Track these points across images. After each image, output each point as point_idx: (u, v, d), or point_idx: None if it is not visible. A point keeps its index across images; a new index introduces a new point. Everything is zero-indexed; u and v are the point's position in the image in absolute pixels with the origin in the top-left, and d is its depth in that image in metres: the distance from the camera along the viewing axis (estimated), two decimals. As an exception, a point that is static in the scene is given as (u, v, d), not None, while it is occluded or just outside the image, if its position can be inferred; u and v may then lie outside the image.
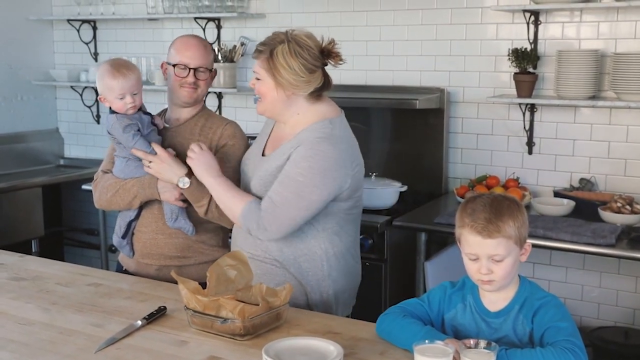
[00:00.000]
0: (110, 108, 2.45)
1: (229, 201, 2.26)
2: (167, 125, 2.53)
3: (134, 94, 2.42)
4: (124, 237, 2.54)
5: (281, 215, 2.16)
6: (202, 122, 2.53)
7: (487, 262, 1.68)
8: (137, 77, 2.45)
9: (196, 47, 2.50)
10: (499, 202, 1.71)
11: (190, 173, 2.37)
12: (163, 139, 2.50)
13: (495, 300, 1.76)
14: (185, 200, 2.43)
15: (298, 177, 2.14)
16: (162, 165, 2.39)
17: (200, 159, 2.30)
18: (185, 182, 2.37)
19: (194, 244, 2.51)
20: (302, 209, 2.16)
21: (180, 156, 2.43)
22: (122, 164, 2.49)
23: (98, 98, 2.50)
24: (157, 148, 2.40)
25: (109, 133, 2.46)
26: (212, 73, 2.55)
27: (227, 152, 2.49)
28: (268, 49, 2.17)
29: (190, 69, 2.47)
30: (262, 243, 2.24)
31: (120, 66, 2.43)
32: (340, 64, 2.26)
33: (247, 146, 2.52)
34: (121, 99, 2.40)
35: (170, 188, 2.41)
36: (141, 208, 2.51)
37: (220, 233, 2.56)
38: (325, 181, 2.15)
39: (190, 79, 2.47)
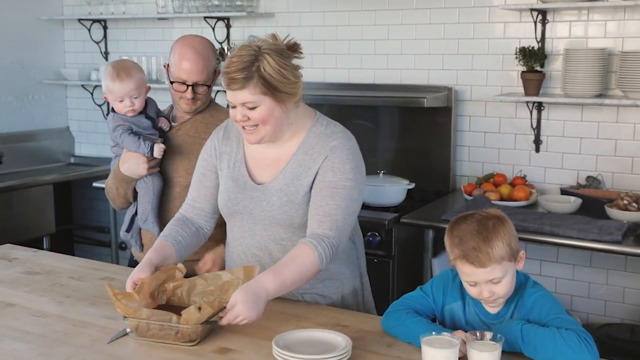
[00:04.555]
0: (112, 107, 2.51)
1: (301, 274, 1.94)
2: (173, 124, 2.55)
3: (134, 98, 2.45)
4: (127, 230, 2.61)
5: (345, 228, 2.01)
6: (207, 118, 2.52)
7: (486, 285, 1.70)
8: (138, 81, 2.44)
9: (193, 61, 2.41)
10: (483, 225, 1.69)
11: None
12: (169, 137, 2.53)
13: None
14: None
15: (345, 182, 2.01)
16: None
17: (249, 312, 1.81)
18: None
19: None
20: (354, 213, 2.05)
21: (184, 153, 2.49)
22: (113, 163, 2.57)
23: (103, 97, 2.53)
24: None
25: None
26: (217, 73, 2.51)
27: None
28: (252, 72, 1.91)
29: (188, 85, 2.43)
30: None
31: (121, 70, 2.44)
32: (302, 57, 2.03)
33: None
34: (120, 101, 2.45)
35: (133, 163, 2.45)
36: None
37: (225, 228, 2.57)
38: (363, 178, 2.08)
39: (189, 94, 2.44)
